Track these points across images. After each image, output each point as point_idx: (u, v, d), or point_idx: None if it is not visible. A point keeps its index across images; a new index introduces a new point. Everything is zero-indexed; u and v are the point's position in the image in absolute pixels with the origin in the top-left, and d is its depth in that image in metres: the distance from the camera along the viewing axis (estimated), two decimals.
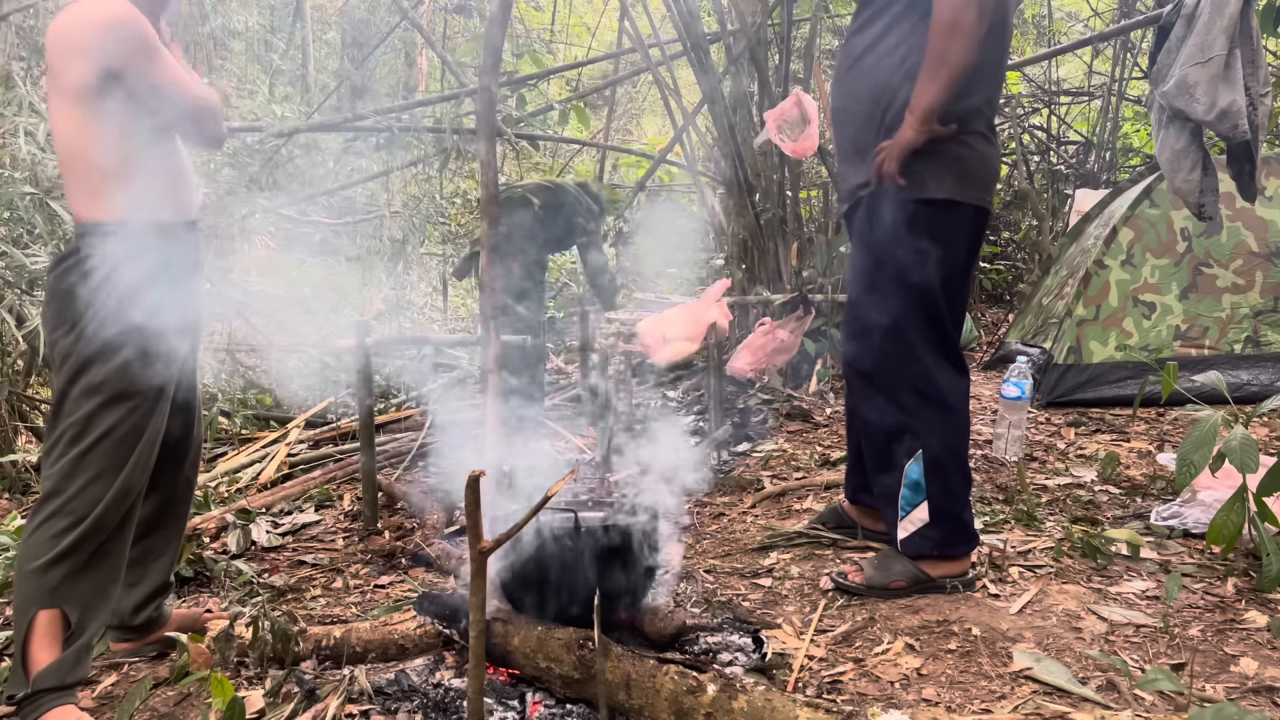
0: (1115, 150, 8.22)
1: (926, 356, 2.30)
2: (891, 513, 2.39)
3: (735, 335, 5.14)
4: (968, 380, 2.38)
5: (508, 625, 2.00)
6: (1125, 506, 3.07)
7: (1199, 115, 2.80)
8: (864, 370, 2.38)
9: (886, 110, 2.27)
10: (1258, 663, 1.95)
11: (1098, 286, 4.59)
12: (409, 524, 3.37)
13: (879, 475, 2.43)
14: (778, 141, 4.35)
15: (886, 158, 2.21)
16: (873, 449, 2.44)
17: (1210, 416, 2.40)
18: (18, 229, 3.61)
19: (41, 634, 1.93)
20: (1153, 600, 2.30)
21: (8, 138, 3.58)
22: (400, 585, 2.79)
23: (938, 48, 2.11)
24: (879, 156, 2.23)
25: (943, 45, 2.10)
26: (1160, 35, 2.98)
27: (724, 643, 2.00)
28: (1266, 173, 4.52)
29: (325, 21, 10.35)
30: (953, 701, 1.85)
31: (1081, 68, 9.32)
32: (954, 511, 2.34)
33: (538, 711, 1.86)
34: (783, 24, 5.49)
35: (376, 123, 5.68)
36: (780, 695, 1.66)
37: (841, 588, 2.42)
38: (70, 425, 1.98)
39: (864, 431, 2.49)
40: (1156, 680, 1.65)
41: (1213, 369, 4.35)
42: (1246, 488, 2.36)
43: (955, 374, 2.34)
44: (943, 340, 2.32)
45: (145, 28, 1.96)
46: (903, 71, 2.23)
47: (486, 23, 3.13)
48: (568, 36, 13.04)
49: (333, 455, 4.38)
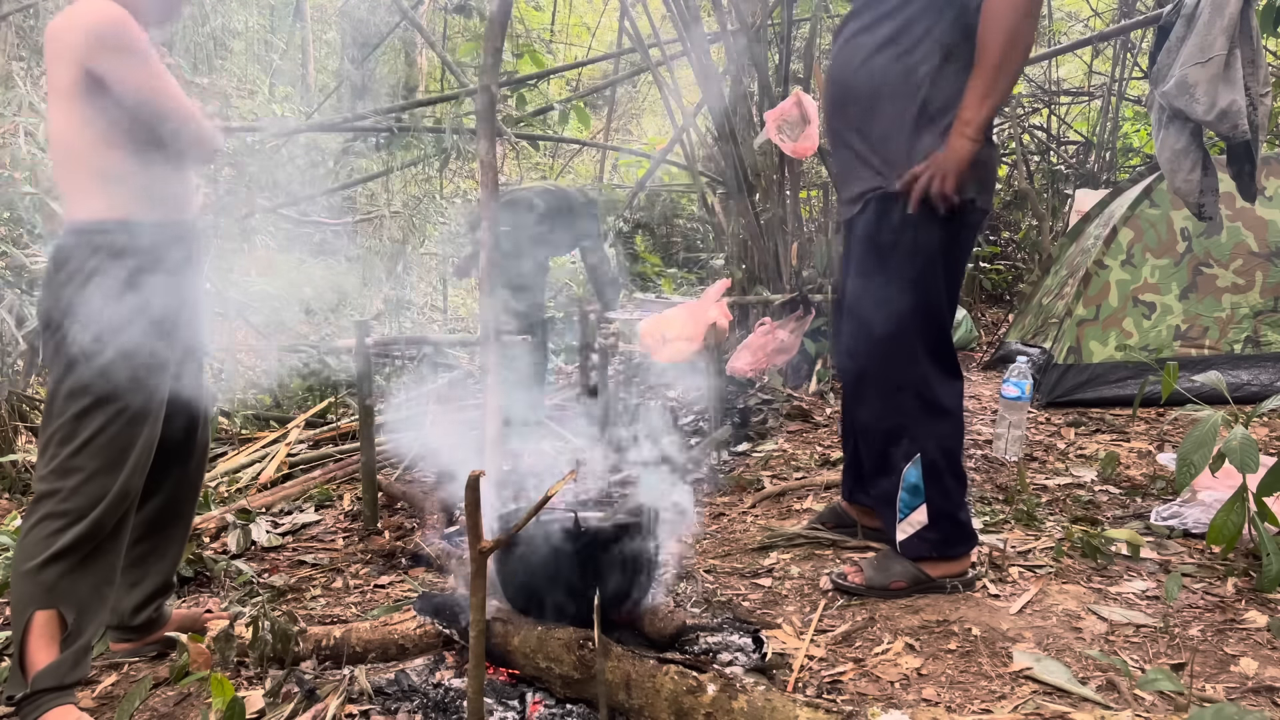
0: (1115, 150, 8.22)
1: (926, 360, 2.29)
2: (890, 515, 2.40)
3: (735, 335, 5.14)
4: (962, 383, 2.39)
5: (508, 625, 2.00)
6: (1125, 506, 3.07)
7: (1199, 115, 2.80)
8: (863, 374, 2.37)
9: (919, 115, 2.19)
10: (1258, 663, 1.95)
11: (1098, 286, 4.59)
12: (409, 524, 3.37)
13: (877, 478, 2.43)
14: (778, 141, 4.35)
15: (939, 174, 2.12)
16: (870, 452, 2.44)
17: (1210, 416, 2.40)
18: (18, 229, 3.61)
19: (39, 634, 1.93)
20: (1153, 600, 2.30)
21: (8, 138, 3.58)
22: (400, 585, 2.79)
23: (996, 57, 2.05)
24: (926, 172, 2.13)
25: (1002, 55, 2.05)
26: (1160, 35, 2.98)
27: (724, 643, 2.00)
28: (1266, 173, 4.52)
29: (325, 21, 10.35)
30: (953, 701, 1.85)
31: (1081, 68, 9.32)
32: (951, 512, 2.35)
33: (538, 711, 1.86)
34: (783, 24, 5.49)
35: (376, 123, 5.68)
36: (780, 695, 1.66)
37: (841, 588, 2.42)
38: (60, 426, 1.98)
39: (861, 434, 2.49)
40: (1156, 680, 1.65)
41: (1213, 369, 4.35)
42: (1246, 488, 2.36)
43: (952, 378, 2.35)
44: (941, 344, 2.32)
45: (132, 31, 1.96)
46: (927, 74, 2.18)
47: (486, 23, 3.13)
48: (568, 36, 13.04)
49: (333, 455, 4.38)
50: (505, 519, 2.25)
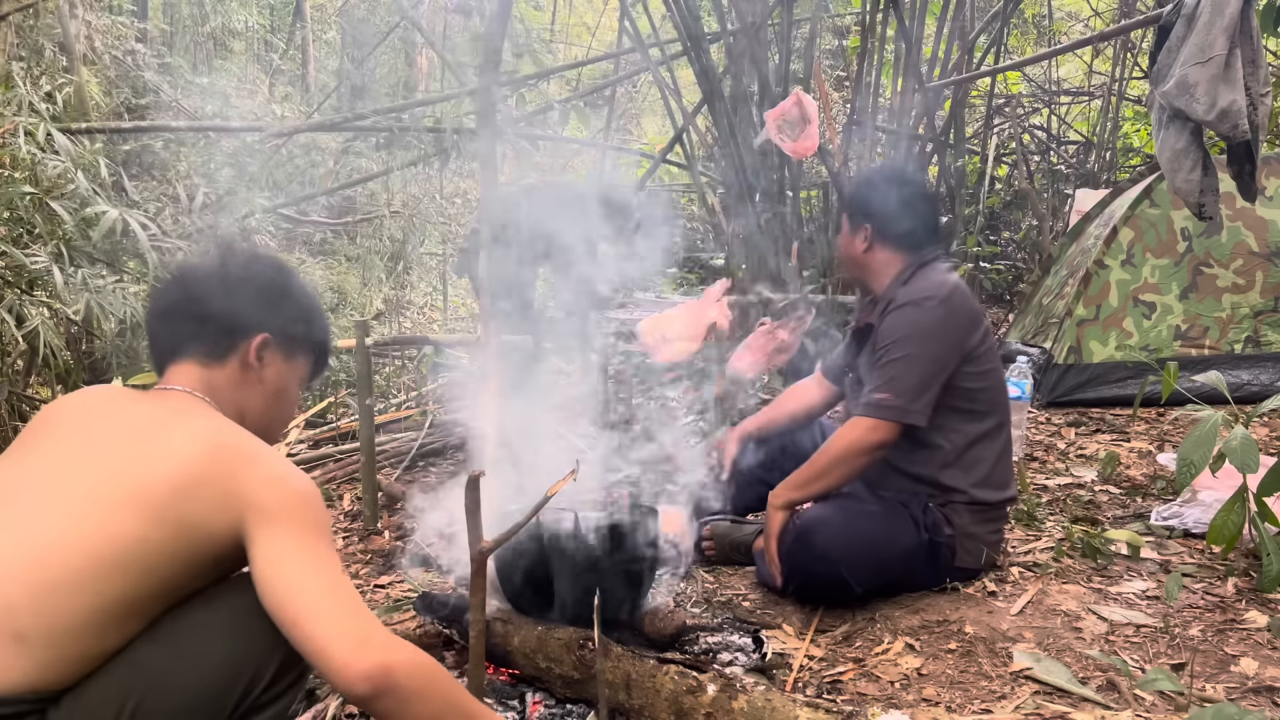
0: (1115, 150, 8.22)
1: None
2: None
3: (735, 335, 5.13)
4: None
5: (508, 625, 2.00)
6: (1125, 506, 3.07)
7: (1199, 115, 2.80)
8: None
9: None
10: (1258, 663, 1.95)
11: (1098, 286, 4.58)
12: (409, 524, 3.37)
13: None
14: (778, 141, 4.34)
15: (768, 545, 2.33)
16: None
17: (1210, 416, 2.40)
18: (18, 229, 3.61)
19: None
20: (1153, 600, 2.30)
21: (8, 138, 3.58)
22: (400, 585, 2.79)
23: (823, 467, 2.29)
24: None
25: (827, 468, 2.28)
26: (1160, 35, 2.98)
27: (724, 643, 2.00)
28: (1267, 173, 4.51)
29: (325, 21, 10.35)
30: (953, 701, 1.85)
31: (1081, 68, 9.31)
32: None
33: (538, 711, 1.86)
34: (783, 24, 5.49)
35: (376, 123, 5.68)
36: (780, 695, 1.66)
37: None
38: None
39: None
40: (1156, 680, 1.65)
41: (1213, 369, 4.34)
42: (1246, 488, 2.35)
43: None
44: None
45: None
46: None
47: (486, 23, 3.14)
48: (568, 36, 13.04)
49: (333, 455, 4.38)
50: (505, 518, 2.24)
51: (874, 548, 2.24)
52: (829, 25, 7.87)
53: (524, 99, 6.12)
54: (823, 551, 2.20)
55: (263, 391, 1.54)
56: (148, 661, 1.25)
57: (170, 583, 1.29)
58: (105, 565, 1.23)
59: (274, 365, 1.55)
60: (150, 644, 1.27)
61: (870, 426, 2.24)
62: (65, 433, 1.40)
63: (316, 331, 1.63)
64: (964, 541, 2.32)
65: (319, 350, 1.65)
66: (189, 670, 1.25)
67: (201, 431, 1.35)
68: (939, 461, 2.32)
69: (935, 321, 2.26)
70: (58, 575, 1.21)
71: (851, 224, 2.50)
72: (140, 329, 3.81)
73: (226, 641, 1.28)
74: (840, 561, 2.20)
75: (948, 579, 2.34)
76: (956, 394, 2.30)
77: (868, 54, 5.54)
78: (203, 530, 1.28)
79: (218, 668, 1.27)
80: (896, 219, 2.40)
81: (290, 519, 1.29)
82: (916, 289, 2.32)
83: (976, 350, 2.32)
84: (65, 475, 1.31)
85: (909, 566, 2.30)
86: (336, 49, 10.45)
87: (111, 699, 1.22)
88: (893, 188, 2.42)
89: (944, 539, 2.30)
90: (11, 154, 3.58)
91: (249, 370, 1.52)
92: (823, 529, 2.23)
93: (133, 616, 1.26)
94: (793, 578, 2.29)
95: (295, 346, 1.59)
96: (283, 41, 10.07)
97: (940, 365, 2.26)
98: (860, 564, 2.22)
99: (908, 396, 2.23)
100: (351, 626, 1.23)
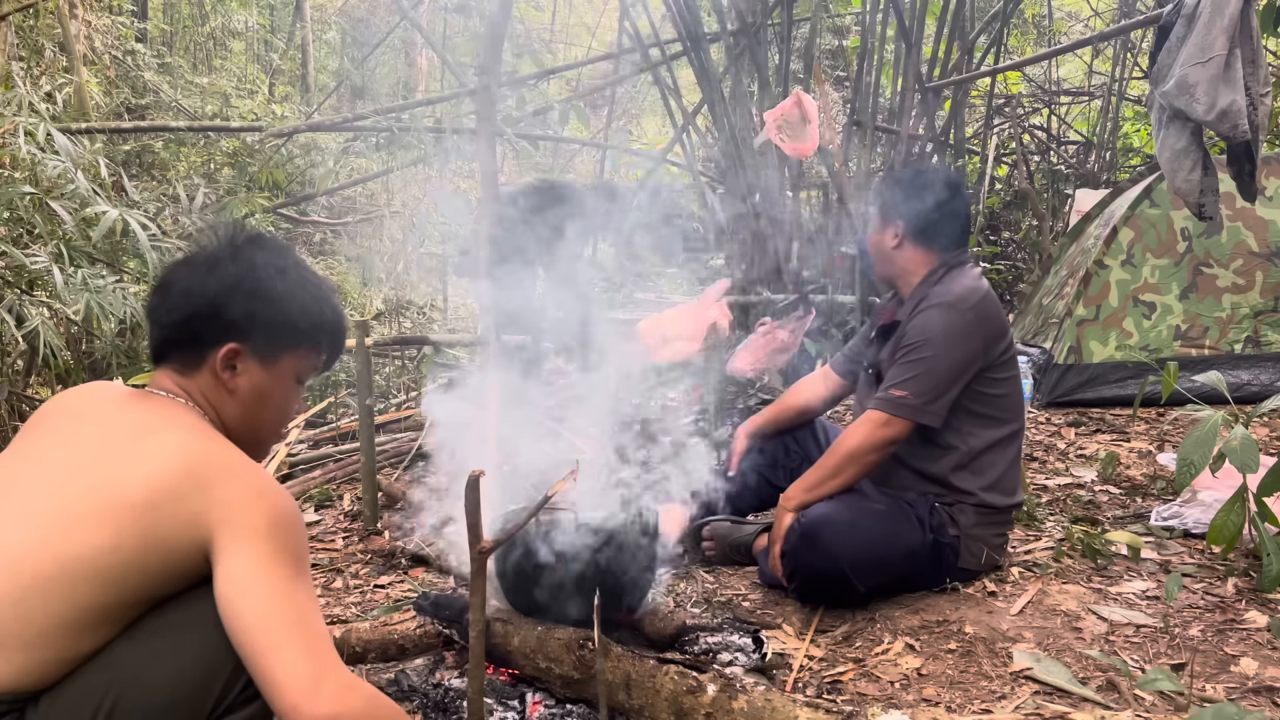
0: (1115, 150, 8.22)
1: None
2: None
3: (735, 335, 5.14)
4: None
5: (508, 625, 2.00)
6: (1125, 506, 3.07)
7: (1199, 115, 2.80)
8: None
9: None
10: (1258, 663, 1.95)
11: (1098, 286, 4.59)
12: (409, 524, 3.37)
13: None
14: (778, 141, 4.34)
15: (773, 547, 2.34)
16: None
17: (1210, 416, 2.40)
18: (18, 229, 3.61)
19: None
20: (1153, 600, 2.30)
21: (8, 138, 3.58)
22: (400, 585, 2.79)
23: (835, 466, 2.31)
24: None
25: (839, 466, 2.30)
26: (1160, 35, 2.98)
27: (724, 643, 2.00)
28: (1267, 173, 4.51)
29: (325, 21, 10.35)
30: (953, 701, 1.85)
31: (1081, 68, 9.31)
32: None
33: (538, 711, 1.86)
34: (783, 24, 5.49)
35: (376, 123, 5.68)
36: (780, 695, 1.66)
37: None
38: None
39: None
40: (1156, 680, 1.65)
41: (1213, 369, 4.34)
42: (1246, 488, 2.35)
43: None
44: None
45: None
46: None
47: (486, 23, 3.14)
48: (568, 36, 13.04)
49: (333, 455, 4.38)
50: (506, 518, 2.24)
51: (878, 547, 2.23)
52: (829, 25, 7.86)
53: (524, 99, 6.12)
54: (827, 549, 2.20)
55: (237, 401, 1.45)
56: (125, 661, 1.24)
57: (143, 592, 1.26)
58: (76, 573, 1.21)
59: (249, 374, 1.44)
60: (128, 643, 1.26)
61: (884, 421, 2.25)
62: (50, 436, 1.39)
63: (313, 324, 1.51)
64: (968, 543, 2.32)
65: (318, 342, 1.53)
66: (166, 668, 1.24)
67: (177, 444, 1.31)
68: (952, 463, 2.32)
69: (966, 326, 2.27)
70: (28, 581, 1.20)
71: (883, 219, 2.48)
72: (140, 329, 3.82)
73: (204, 639, 1.25)
74: (844, 559, 2.20)
75: (949, 579, 2.34)
76: (977, 399, 2.31)
77: (868, 54, 5.55)
78: (172, 545, 1.25)
79: (195, 665, 1.25)
80: (929, 218, 2.39)
81: (260, 540, 1.24)
82: (949, 290, 2.32)
83: (1001, 358, 2.32)
84: (42, 481, 1.30)
85: (913, 566, 2.30)
86: (336, 49, 10.46)
87: (89, 698, 1.21)
88: (929, 188, 2.41)
89: (948, 539, 2.30)
90: (11, 154, 3.58)
91: (220, 381, 1.43)
92: (828, 527, 2.23)
93: (107, 622, 1.25)
94: (796, 575, 2.29)
95: (278, 348, 1.47)
96: (283, 41, 10.07)
97: (962, 370, 2.26)
98: (864, 562, 2.22)
99: (926, 397, 2.23)
100: (307, 669, 1.18)
